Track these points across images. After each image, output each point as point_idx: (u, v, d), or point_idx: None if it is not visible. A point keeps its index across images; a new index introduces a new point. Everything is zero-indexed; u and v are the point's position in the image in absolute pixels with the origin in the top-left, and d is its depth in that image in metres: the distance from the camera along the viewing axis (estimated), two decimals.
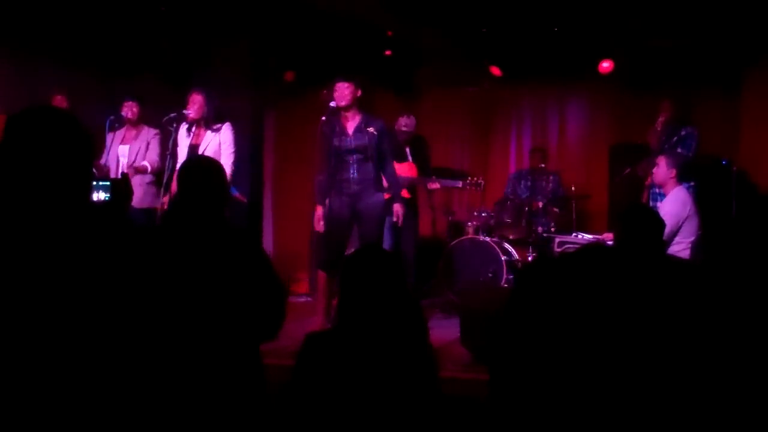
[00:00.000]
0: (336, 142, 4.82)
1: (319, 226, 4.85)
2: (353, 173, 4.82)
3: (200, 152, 5.13)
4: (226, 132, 5.17)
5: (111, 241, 1.64)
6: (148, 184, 5.41)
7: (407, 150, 6.14)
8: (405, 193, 5.62)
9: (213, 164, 2.71)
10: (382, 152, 4.84)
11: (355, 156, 4.79)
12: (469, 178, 5.92)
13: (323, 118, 4.92)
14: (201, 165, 2.71)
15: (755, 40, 5.88)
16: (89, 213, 1.69)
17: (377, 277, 2.31)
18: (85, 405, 1.52)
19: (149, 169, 5.41)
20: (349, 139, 4.80)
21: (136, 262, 1.68)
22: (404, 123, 6.16)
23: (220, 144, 5.19)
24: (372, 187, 4.80)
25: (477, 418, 2.44)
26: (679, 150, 5.41)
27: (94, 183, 3.00)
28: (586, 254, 2.81)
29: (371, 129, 4.79)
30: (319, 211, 4.85)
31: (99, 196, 3.90)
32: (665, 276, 2.46)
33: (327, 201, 4.91)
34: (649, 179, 5.37)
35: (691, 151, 5.42)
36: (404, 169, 5.91)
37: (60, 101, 5.40)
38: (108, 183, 4.38)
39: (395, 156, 5.47)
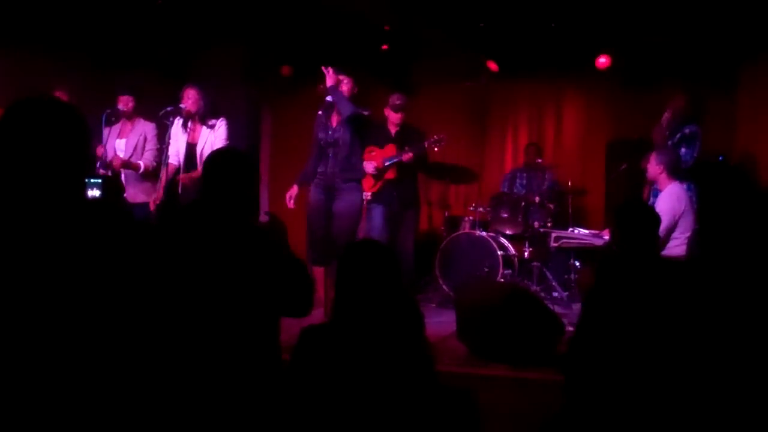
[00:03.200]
0: (321, 134, 4.88)
1: (290, 203, 5.01)
2: (331, 166, 4.87)
3: (198, 150, 5.16)
4: (220, 128, 5.23)
5: (114, 235, 1.63)
6: (140, 180, 5.41)
7: (393, 134, 5.92)
8: (391, 174, 5.74)
9: (242, 157, 2.52)
10: (353, 143, 4.89)
11: (333, 149, 4.83)
12: (433, 137, 5.76)
13: (320, 112, 4.94)
14: (230, 157, 2.51)
15: (752, 36, 5.88)
16: (86, 206, 1.69)
17: (372, 272, 2.31)
18: (88, 400, 1.51)
19: (141, 168, 5.39)
20: (331, 132, 4.84)
21: (143, 256, 1.67)
22: (398, 97, 5.96)
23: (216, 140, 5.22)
24: (348, 183, 4.85)
25: (472, 411, 2.45)
26: (683, 150, 5.30)
27: (87, 180, 2.96)
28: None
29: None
30: (293, 189, 5.02)
31: (91, 193, 3.88)
32: (661, 273, 2.48)
33: (309, 192, 5.01)
34: None
35: (695, 152, 5.31)
36: (388, 152, 5.84)
37: (60, 96, 5.38)
38: (99, 180, 4.39)
39: (378, 141, 5.67)
